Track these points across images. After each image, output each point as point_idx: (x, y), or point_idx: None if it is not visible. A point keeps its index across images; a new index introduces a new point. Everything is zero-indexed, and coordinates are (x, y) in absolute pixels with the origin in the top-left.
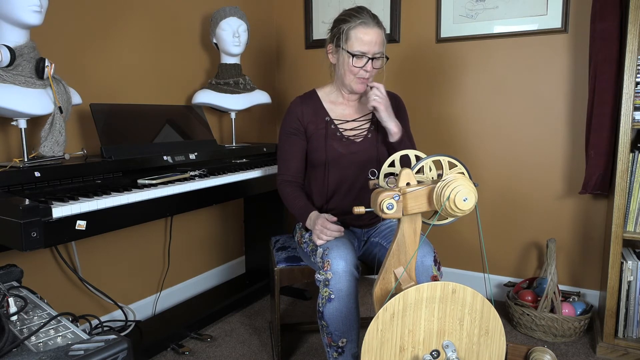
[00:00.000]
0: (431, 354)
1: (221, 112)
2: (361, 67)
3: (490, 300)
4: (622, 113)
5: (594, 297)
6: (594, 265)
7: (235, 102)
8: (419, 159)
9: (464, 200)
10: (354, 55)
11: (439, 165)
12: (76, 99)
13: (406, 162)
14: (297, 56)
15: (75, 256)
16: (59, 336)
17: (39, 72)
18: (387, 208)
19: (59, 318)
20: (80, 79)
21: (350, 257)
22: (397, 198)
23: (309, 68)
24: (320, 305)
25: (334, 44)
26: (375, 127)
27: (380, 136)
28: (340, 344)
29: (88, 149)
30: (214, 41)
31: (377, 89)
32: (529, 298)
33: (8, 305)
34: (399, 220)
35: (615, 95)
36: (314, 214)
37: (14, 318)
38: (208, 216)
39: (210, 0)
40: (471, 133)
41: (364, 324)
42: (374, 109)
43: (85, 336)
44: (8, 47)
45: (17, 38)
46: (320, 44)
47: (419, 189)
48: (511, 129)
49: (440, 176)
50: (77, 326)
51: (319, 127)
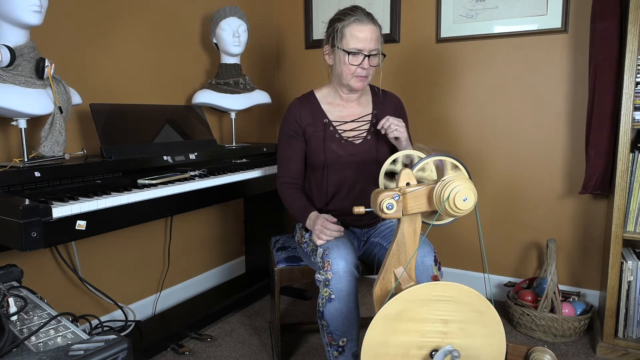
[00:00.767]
0: (430, 354)
1: (221, 112)
2: (358, 65)
3: (490, 300)
4: (622, 113)
5: (594, 297)
6: (594, 265)
7: (235, 102)
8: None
9: (464, 200)
10: (350, 53)
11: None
12: (76, 99)
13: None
14: (297, 56)
15: (75, 256)
16: (59, 336)
17: (39, 72)
18: (387, 208)
19: (59, 318)
20: (80, 79)
21: (351, 257)
22: (397, 198)
23: (309, 68)
24: (321, 305)
25: (330, 44)
26: (375, 128)
27: (380, 137)
28: (341, 343)
29: (88, 149)
30: (214, 41)
31: (389, 119)
32: (529, 298)
33: (8, 305)
34: (399, 220)
35: (615, 95)
36: (313, 214)
37: (14, 318)
38: (208, 216)
39: (210, 0)
40: (471, 133)
41: (364, 323)
42: (395, 139)
43: (85, 336)
44: (8, 47)
45: (17, 38)
46: (320, 44)
47: (419, 189)
48: (511, 128)
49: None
50: (77, 326)
51: (317, 129)
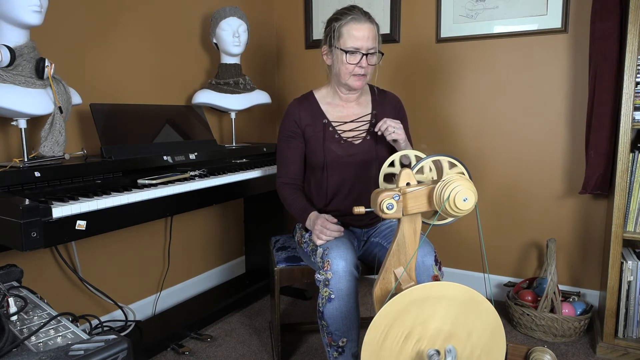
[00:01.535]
0: (431, 354)
1: (221, 112)
2: (356, 64)
3: (490, 300)
4: (622, 113)
5: (594, 297)
6: (594, 265)
7: (235, 102)
8: (419, 159)
9: (464, 201)
10: (347, 52)
11: (438, 166)
12: (76, 99)
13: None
14: (297, 56)
15: (75, 256)
16: (59, 336)
17: (39, 72)
18: (387, 208)
19: (59, 318)
20: (80, 79)
21: (350, 257)
22: (397, 198)
23: (309, 68)
24: (320, 305)
25: (328, 44)
26: (374, 128)
27: (379, 138)
28: (341, 344)
29: (88, 149)
30: (214, 41)
31: (386, 121)
32: (529, 298)
33: (8, 305)
34: (399, 220)
35: (615, 95)
36: (313, 214)
37: (14, 318)
38: (208, 216)
39: (210, 0)
40: (471, 133)
41: (364, 323)
42: (394, 142)
43: (85, 336)
44: (8, 47)
45: (17, 38)
46: (320, 44)
47: (419, 189)
48: (511, 129)
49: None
50: (77, 326)
51: (316, 130)
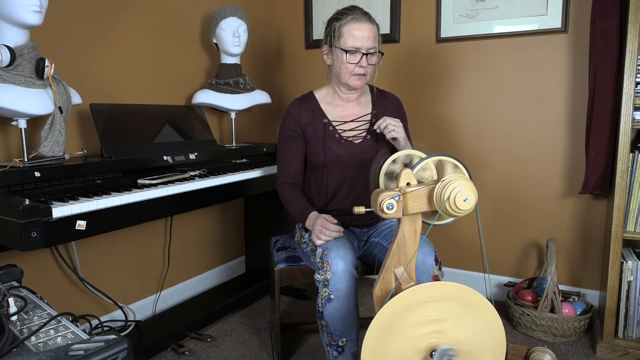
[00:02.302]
0: (431, 354)
1: (221, 112)
2: (356, 63)
3: (490, 300)
4: (622, 113)
5: (594, 297)
6: (594, 265)
7: (235, 102)
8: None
9: (464, 201)
10: (348, 52)
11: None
12: (76, 99)
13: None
14: (297, 56)
15: (75, 256)
16: (59, 336)
17: (39, 72)
18: (387, 208)
19: (59, 318)
20: (80, 79)
21: (350, 257)
22: (397, 198)
23: (309, 68)
24: (320, 305)
25: (328, 44)
26: (374, 127)
27: (379, 137)
28: (340, 344)
29: (88, 149)
30: (214, 41)
31: (386, 119)
32: (529, 298)
33: (8, 305)
34: (399, 220)
35: (615, 95)
36: (313, 214)
37: (14, 318)
38: (208, 216)
39: (210, 0)
40: (471, 133)
41: (363, 323)
42: (393, 140)
43: (85, 336)
44: (8, 47)
45: (17, 38)
46: (320, 44)
47: (419, 189)
48: (511, 129)
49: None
50: (77, 326)
51: (317, 129)
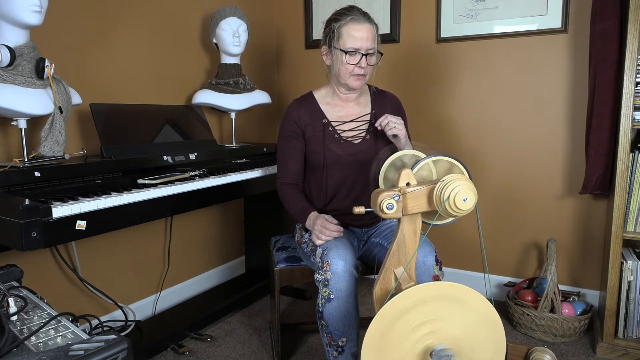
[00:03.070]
0: (431, 354)
1: (221, 112)
2: (356, 64)
3: (490, 300)
4: (622, 113)
5: (594, 297)
6: (594, 265)
7: (235, 102)
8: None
9: (464, 201)
10: (347, 52)
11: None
12: (76, 99)
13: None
14: (297, 56)
15: (75, 256)
16: (59, 336)
17: (39, 72)
18: (387, 208)
19: (59, 318)
20: (80, 79)
21: (350, 257)
22: (397, 198)
23: (309, 68)
24: (320, 305)
25: (327, 44)
26: (374, 128)
27: (379, 137)
28: (340, 344)
29: (88, 149)
30: (214, 41)
31: (387, 116)
32: (529, 298)
33: (8, 305)
34: (399, 220)
35: (615, 95)
36: (313, 214)
37: (14, 318)
38: (208, 216)
39: (210, 0)
40: (471, 133)
41: (363, 323)
42: (394, 137)
43: (85, 336)
44: (8, 47)
45: (17, 38)
46: (319, 44)
47: (419, 189)
48: (511, 129)
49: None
50: (77, 326)
51: (316, 130)
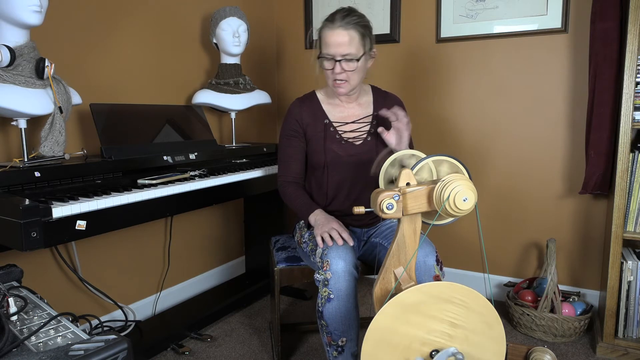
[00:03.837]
0: (430, 354)
1: (221, 112)
2: (330, 69)
3: (490, 300)
4: (622, 113)
5: (594, 297)
6: (594, 265)
7: (235, 102)
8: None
9: (464, 200)
10: (324, 58)
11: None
12: (76, 99)
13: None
14: (297, 56)
15: (75, 256)
16: (59, 336)
17: (39, 72)
18: (387, 208)
19: (59, 318)
20: (80, 79)
21: (350, 257)
22: (397, 198)
23: (309, 68)
24: (320, 305)
25: (317, 50)
26: (375, 130)
27: (380, 139)
28: (340, 343)
29: (88, 149)
30: (214, 41)
31: (397, 111)
32: (529, 298)
33: (8, 305)
34: (399, 220)
35: (615, 95)
36: (319, 211)
37: (14, 318)
38: (208, 216)
39: (210, 0)
40: (471, 133)
41: (363, 323)
42: (396, 134)
43: (85, 336)
44: (8, 47)
45: (17, 38)
46: None
47: (419, 189)
48: (511, 129)
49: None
50: (77, 326)
51: (317, 130)
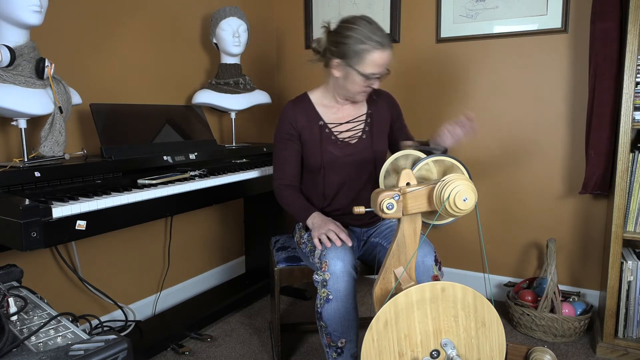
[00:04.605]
0: (431, 354)
1: (221, 112)
2: (367, 85)
3: (490, 300)
4: (622, 113)
5: (594, 297)
6: (594, 265)
7: (235, 102)
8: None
9: (464, 200)
10: (365, 76)
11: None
12: (76, 99)
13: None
14: (297, 56)
15: (75, 256)
16: (59, 336)
17: (39, 72)
18: (387, 208)
19: (59, 318)
20: (80, 79)
21: (348, 258)
22: (397, 198)
23: (309, 68)
24: (319, 305)
25: (344, 60)
26: (370, 128)
27: (375, 136)
28: (340, 345)
29: (88, 149)
30: (214, 41)
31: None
32: (529, 298)
33: (8, 305)
34: (399, 220)
35: (615, 95)
36: (317, 213)
37: (14, 318)
38: (208, 216)
39: (210, 0)
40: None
41: (363, 324)
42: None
43: (85, 336)
44: (8, 47)
45: (17, 38)
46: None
47: (419, 189)
48: (511, 128)
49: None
50: (77, 326)
51: (313, 132)
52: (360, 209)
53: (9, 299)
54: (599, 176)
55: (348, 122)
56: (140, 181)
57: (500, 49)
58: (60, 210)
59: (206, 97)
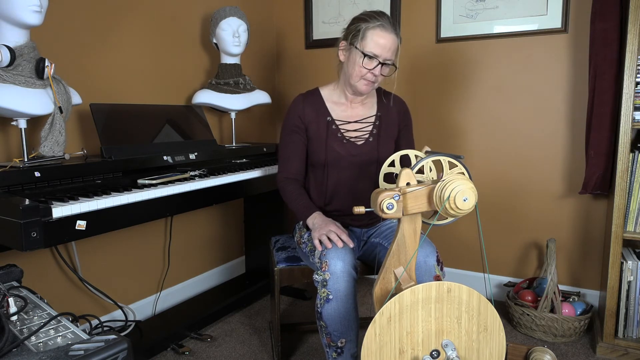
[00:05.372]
0: (431, 354)
1: (221, 112)
2: (370, 70)
3: (490, 300)
4: (622, 113)
5: (594, 297)
6: (594, 265)
7: (235, 102)
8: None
9: (464, 200)
10: (365, 55)
11: (439, 166)
12: (76, 99)
13: (406, 163)
14: (297, 56)
15: (75, 256)
16: (59, 336)
17: (39, 72)
18: (387, 208)
19: (59, 318)
20: (80, 79)
21: (348, 258)
22: (397, 198)
23: (309, 68)
24: (319, 305)
25: (348, 41)
26: (378, 130)
27: (382, 139)
28: (340, 344)
29: (88, 149)
30: (214, 41)
31: None
32: (529, 298)
33: (8, 305)
34: (399, 220)
35: (615, 95)
36: (318, 213)
37: (14, 318)
38: (208, 216)
39: (210, 0)
40: (471, 133)
41: (363, 324)
42: None
43: (85, 336)
44: (8, 47)
45: (17, 38)
46: (320, 44)
47: (419, 189)
48: (511, 128)
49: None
50: (77, 326)
51: (320, 127)
52: (360, 209)
53: (9, 299)
54: (599, 176)
55: (356, 122)
56: (140, 181)
57: (500, 49)
58: (60, 210)
59: (206, 97)
